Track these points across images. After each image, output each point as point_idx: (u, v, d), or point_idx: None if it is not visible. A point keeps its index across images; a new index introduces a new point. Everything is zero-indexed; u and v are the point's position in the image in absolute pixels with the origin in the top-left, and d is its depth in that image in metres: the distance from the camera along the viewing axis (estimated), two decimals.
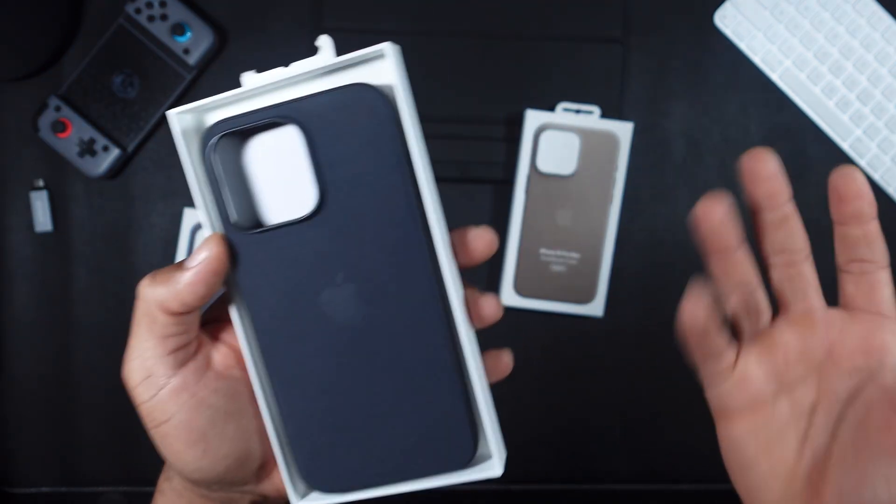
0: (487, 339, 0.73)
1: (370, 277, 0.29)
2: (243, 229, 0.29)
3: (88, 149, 0.67)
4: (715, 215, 0.30)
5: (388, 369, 0.30)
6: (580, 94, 0.69)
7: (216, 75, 0.69)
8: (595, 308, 0.68)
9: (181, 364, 0.30)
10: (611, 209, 0.67)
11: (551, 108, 0.68)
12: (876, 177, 0.70)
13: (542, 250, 0.67)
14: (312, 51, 0.69)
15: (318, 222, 0.28)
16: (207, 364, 0.31)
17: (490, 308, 0.30)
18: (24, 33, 0.66)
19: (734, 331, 0.32)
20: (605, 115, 0.68)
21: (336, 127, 0.28)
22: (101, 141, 0.67)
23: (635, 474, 0.72)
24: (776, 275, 0.32)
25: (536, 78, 0.69)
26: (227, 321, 0.32)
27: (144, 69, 0.67)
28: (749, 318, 0.32)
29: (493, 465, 0.30)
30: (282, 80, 0.29)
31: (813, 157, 0.70)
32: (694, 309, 0.30)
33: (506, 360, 0.32)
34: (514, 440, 0.72)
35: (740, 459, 0.32)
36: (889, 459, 0.28)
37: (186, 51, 0.67)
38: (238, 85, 0.30)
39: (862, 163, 0.70)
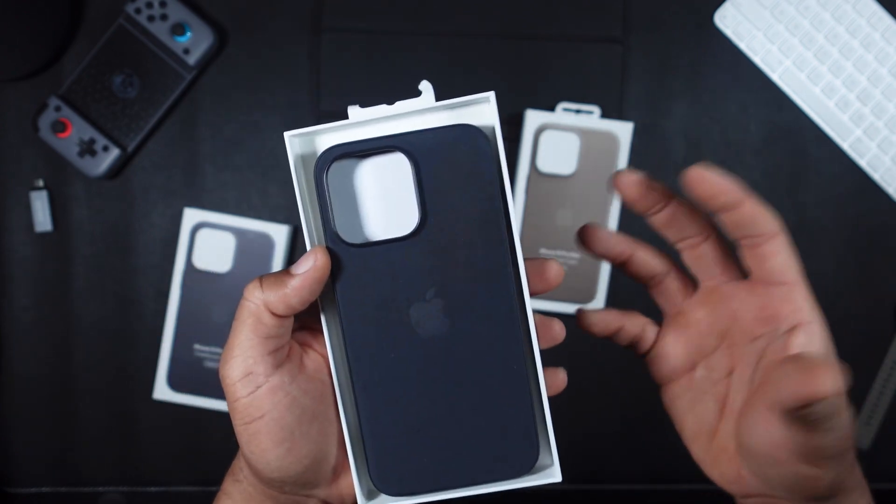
0: None
1: (459, 295, 0.32)
2: (346, 244, 0.32)
3: (88, 149, 0.67)
4: (598, 242, 0.35)
5: (464, 381, 0.33)
6: (580, 94, 0.69)
7: (216, 75, 0.69)
8: (595, 308, 0.68)
9: (279, 364, 0.32)
10: (611, 209, 0.67)
11: (551, 108, 0.68)
12: (876, 177, 0.70)
13: (543, 250, 0.67)
14: (313, 51, 0.69)
15: (417, 241, 0.32)
16: (301, 366, 0.33)
17: (558, 331, 0.34)
18: (24, 33, 0.66)
19: (663, 313, 0.37)
20: (605, 115, 0.68)
21: (442, 158, 0.32)
22: (101, 141, 0.67)
23: (635, 474, 0.72)
24: (685, 258, 0.36)
25: (536, 78, 0.69)
26: (316, 329, 0.34)
27: (144, 69, 0.67)
28: (666, 301, 0.37)
29: (553, 472, 0.33)
30: (387, 115, 0.32)
31: (813, 157, 0.70)
32: (598, 323, 0.36)
33: (561, 377, 0.35)
34: None
35: (674, 419, 0.37)
36: (768, 412, 0.31)
37: (186, 51, 0.67)
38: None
39: (862, 163, 0.70)
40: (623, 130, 0.67)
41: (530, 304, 0.33)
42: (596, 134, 0.67)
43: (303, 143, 0.33)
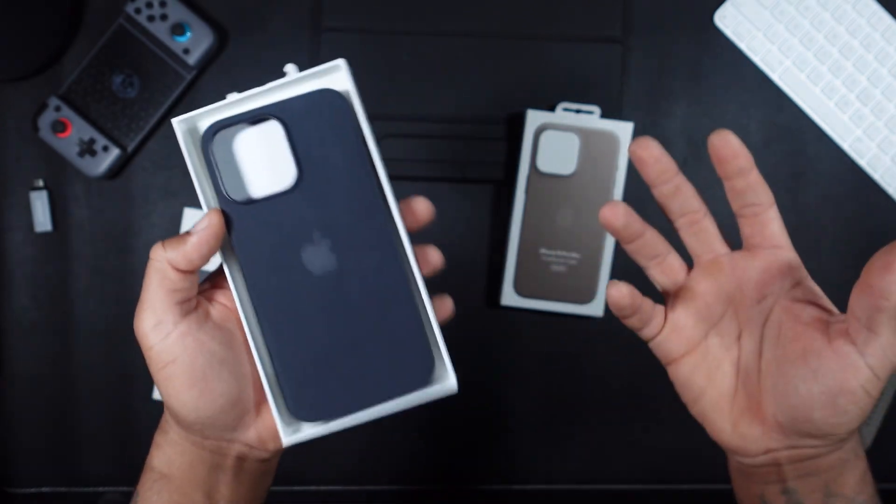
0: (489, 340, 0.73)
1: (342, 234, 0.36)
2: (236, 203, 0.36)
3: (88, 149, 0.67)
4: (617, 220, 0.37)
5: (358, 309, 0.37)
6: (580, 94, 0.69)
7: (216, 75, 0.69)
8: (595, 308, 0.68)
9: (185, 314, 0.36)
10: None
11: (551, 108, 0.68)
12: (876, 177, 0.70)
13: (542, 250, 0.67)
14: (314, 52, 0.69)
15: (297, 193, 0.36)
16: (206, 315, 0.37)
17: (434, 256, 0.38)
18: (24, 33, 0.66)
19: (664, 291, 0.40)
20: (605, 115, 0.68)
21: (308, 119, 0.36)
22: (101, 141, 0.67)
23: (635, 474, 0.72)
24: (684, 234, 0.39)
25: (536, 78, 0.69)
26: (219, 286, 0.38)
27: (144, 69, 0.67)
28: (668, 279, 0.39)
29: (449, 383, 0.37)
30: (258, 92, 0.37)
31: (813, 157, 0.70)
32: (616, 295, 0.37)
33: (448, 304, 0.39)
34: (515, 440, 0.72)
35: (692, 393, 0.38)
36: (800, 363, 0.35)
37: (186, 51, 0.67)
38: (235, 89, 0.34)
39: (862, 163, 0.70)
40: (623, 130, 0.67)
41: (406, 236, 0.37)
42: (596, 134, 0.67)
43: (190, 125, 0.37)
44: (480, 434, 0.71)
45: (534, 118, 0.67)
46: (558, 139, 0.67)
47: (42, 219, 0.68)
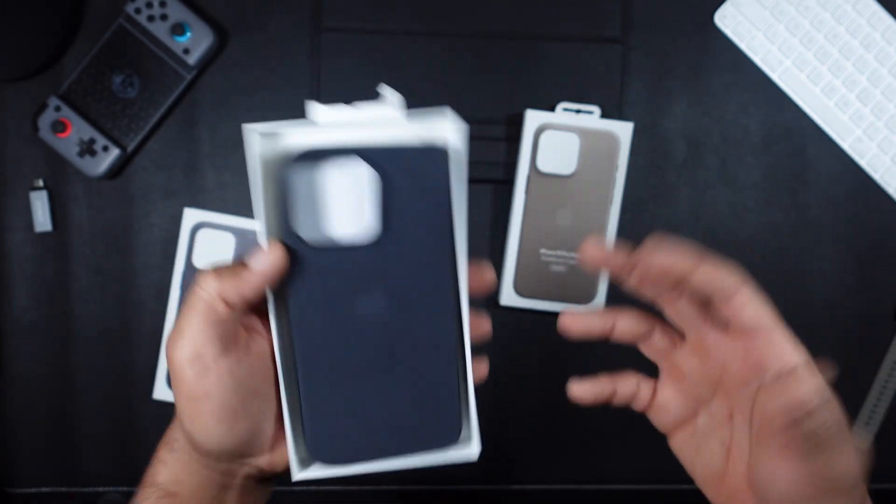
0: (489, 340, 0.73)
1: (402, 293, 0.35)
2: (305, 243, 0.34)
3: (88, 149, 0.67)
4: (573, 330, 0.38)
5: (398, 364, 0.36)
6: (580, 94, 0.69)
7: (216, 75, 0.69)
8: (595, 308, 0.68)
9: (227, 348, 0.34)
10: (611, 209, 0.67)
11: (551, 108, 0.68)
12: (876, 177, 0.70)
13: (542, 250, 0.67)
14: (313, 51, 0.69)
15: (372, 249, 0.35)
16: (247, 350, 0.35)
17: (486, 324, 0.38)
18: (24, 33, 0.66)
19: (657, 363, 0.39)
20: (605, 115, 0.68)
21: (407, 177, 0.34)
22: (101, 141, 0.67)
23: (635, 474, 0.72)
24: (667, 313, 0.38)
25: (536, 78, 0.69)
26: (262, 313, 0.36)
27: (144, 69, 0.67)
28: (657, 356, 0.39)
29: (471, 450, 0.37)
30: (351, 122, 0.34)
31: (813, 157, 0.70)
32: (586, 395, 0.39)
33: (484, 367, 0.38)
34: (515, 440, 0.72)
35: (685, 465, 0.39)
36: (777, 455, 0.33)
37: (186, 51, 0.67)
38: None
39: (862, 163, 0.70)
40: (623, 130, 0.67)
41: (466, 298, 0.36)
42: (596, 134, 0.67)
43: (264, 139, 0.34)
44: (480, 434, 0.71)
45: (534, 118, 0.67)
46: (558, 139, 0.67)
47: (42, 219, 0.68)
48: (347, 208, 0.34)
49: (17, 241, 0.69)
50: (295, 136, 0.34)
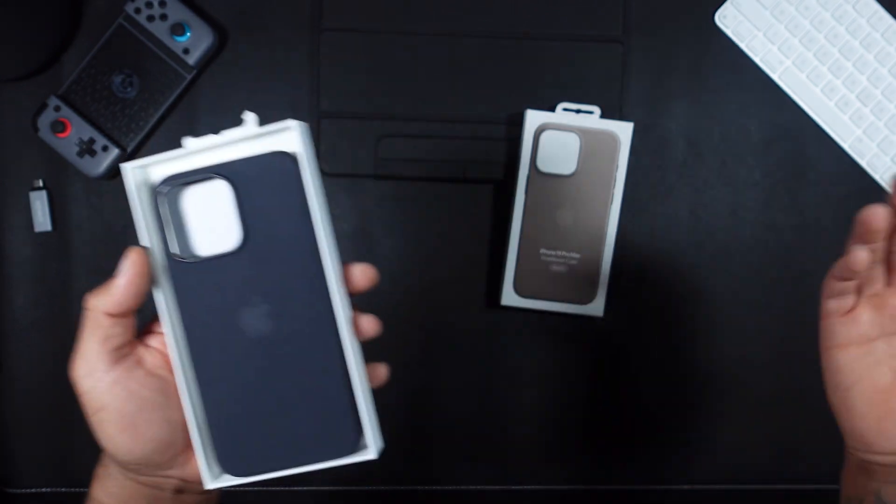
0: (485, 339, 0.73)
1: (279, 300, 0.37)
2: (180, 259, 0.37)
3: (88, 149, 0.67)
4: (876, 221, 0.40)
5: (289, 374, 0.37)
6: (580, 94, 0.69)
7: (216, 75, 0.69)
8: (595, 308, 0.68)
9: (116, 361, 0.37)
10: (611, 209, 0.67)
11: (551, 108, 0.68)
12: (876, 177, 0.70)
13: (542, 250, 0.67)
14: (313, 51, 0.69)
15: (241, 255, 0.37)
16: (139, 363, 0.38)
17: (369, 325, 0.38)
18: (24, 33, 0.66)
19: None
20: (605, 115, 0.68)
21: (258, 182, 0.37)
22: (101, 141, 0.67)
23: (635, 474, 0.72)
24: (892, 257, 0.42)
25: (536, 78, 0.69)
26: (158, 332, 0.39)
27: (144, 69, 0.67)
28: (869, 284, 0.43)
29: (368, 452, 0.38)
30: (214, 145, 0.37)
31: (813, 157, 0.70)
32: (873, 215, 0.40)
33: (382, 371, 0.40)
34: (514, 440, 0.72)
35: (845, 380, 0.43)
36: None
37: (186, 51, 0.66)
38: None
39: (862, 163, 0.70)
40: (623, 130, 0.67)
41: (346, 305, 0.37)
42: (596, 134, 0.67)
43: (136, 171, 0.38)
44: (480, 434, 0.71)
45: (534, 118, 0.66)
46: (558, 139, 0.67)
47: (42, 219, 0.68)
48: (212, 222, 0.37)
49: (17, 241, 0.69)
50: (162, 167, 0.38)
